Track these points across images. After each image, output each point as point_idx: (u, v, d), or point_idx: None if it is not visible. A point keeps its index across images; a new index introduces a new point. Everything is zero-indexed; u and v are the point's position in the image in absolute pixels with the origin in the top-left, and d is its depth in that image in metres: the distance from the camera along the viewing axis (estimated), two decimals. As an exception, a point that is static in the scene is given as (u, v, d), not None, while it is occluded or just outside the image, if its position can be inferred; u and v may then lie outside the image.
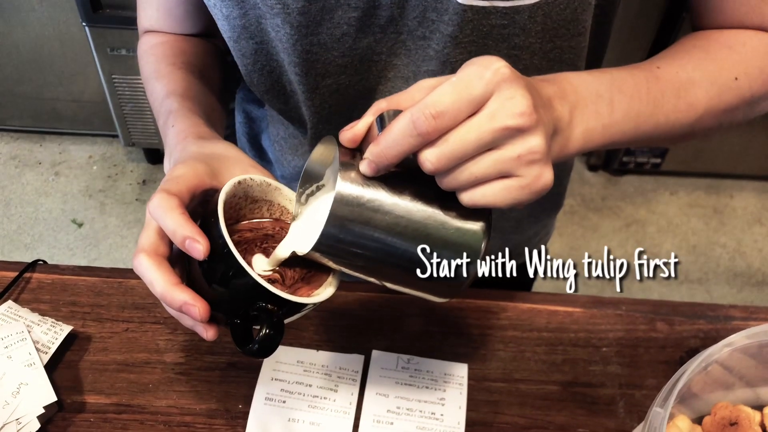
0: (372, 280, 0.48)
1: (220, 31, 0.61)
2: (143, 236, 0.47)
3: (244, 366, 0.66)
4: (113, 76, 1.84)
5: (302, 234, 0.50)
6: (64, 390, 0.64)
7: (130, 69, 1.81)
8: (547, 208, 0.84)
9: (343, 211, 0.43)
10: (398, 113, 0.42)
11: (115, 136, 2.17)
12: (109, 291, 0.72)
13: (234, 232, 0.51)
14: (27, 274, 0.72)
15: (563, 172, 0.81)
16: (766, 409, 0.56)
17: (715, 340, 0.51)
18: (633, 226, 2.12)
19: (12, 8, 1.81)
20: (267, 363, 0.66)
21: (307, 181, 0.52)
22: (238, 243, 0.50)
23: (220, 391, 0.65)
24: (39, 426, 0.59)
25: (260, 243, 0.52)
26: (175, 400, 0.64)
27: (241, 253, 0.50)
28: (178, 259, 0.50)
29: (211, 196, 0.49)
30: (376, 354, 0.68)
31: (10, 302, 0.69)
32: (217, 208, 0.46)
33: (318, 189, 0.52)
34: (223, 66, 0.75)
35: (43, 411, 0.60)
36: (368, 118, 0.44)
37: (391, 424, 0.63)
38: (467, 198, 0.43)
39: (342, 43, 0.57)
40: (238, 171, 0.51)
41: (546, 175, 0.43)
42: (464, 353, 0.68)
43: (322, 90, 0.61)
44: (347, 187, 0.43)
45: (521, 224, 0.80)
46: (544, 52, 0.58)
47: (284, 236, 0.52)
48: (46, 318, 0.67)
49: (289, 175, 0.77)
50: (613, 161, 2.18)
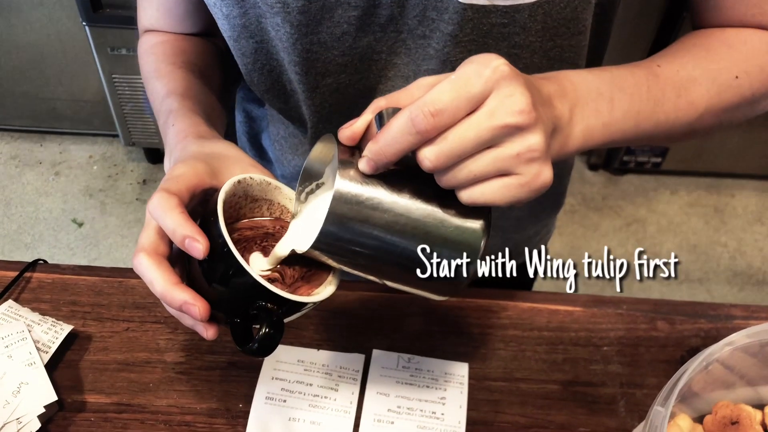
0: (371, 278, 0.48)
1: (220, 30, 0.61)
2: (143, 236, 0.47)
3: (244, 365, 0.66)
4: (113, 76, 1.84)
5: (302, 232, 0.50)
6: (65, 389, 0.64)
7: (131, 69, 1.81)
8: (548, 208, 0.84)
9: (342, 209, 0.43)
10: (397, 111, 0.42)
11: (116, 136, 2.17)
12: (109, 290, 0.72)
13: (234, 231, 0.51)
14: (27, 274, 0.72)
15: (564, 171, 0.81)
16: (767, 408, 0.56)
17: (715, 339, 0.51)
18: (633, 225, 2.12)
19: (12, 8, 1.81)
20: (267, 362, 0.66)
21: (306, 180, 0.52)
22: (238, 241, 0.50)
23: (220, 391, 0.65)
24: (39, 425, 0.59)
25: (260, 241, 0.52)
26: (176, 400, 0.64)
27: (241, 252, 0.50)
28: (178, 258, 0.50)
29: (211, 196, 0.49)
30: (376, 353, 0.68)
31: (10, 302, 0.69)
32: (217, 207, 0.46)
33: (318, 187, 0.52)
34: (224, 65, 0.75)
35: (44, 410, 0.60)
36: (367, 116, 0.44)
37: (392, 423, 0.63)
38: (466, 196, 0.43)
39: (342, 42, 0.57)
40: (238, 170, 0.51)
41: (545, 173, 0.43)
42: (465, 352, 0.68)
43: (322, 89, 0.61)
44: (346, 185, 0.43)
45: (522, 223, 0.80)
46: (544, 51, 0.58)
47: (284, 235, 0.51)
48: (47, 317, 0.67)
49: (289, 174, 0.77)
50: (614, 160, 2.18)
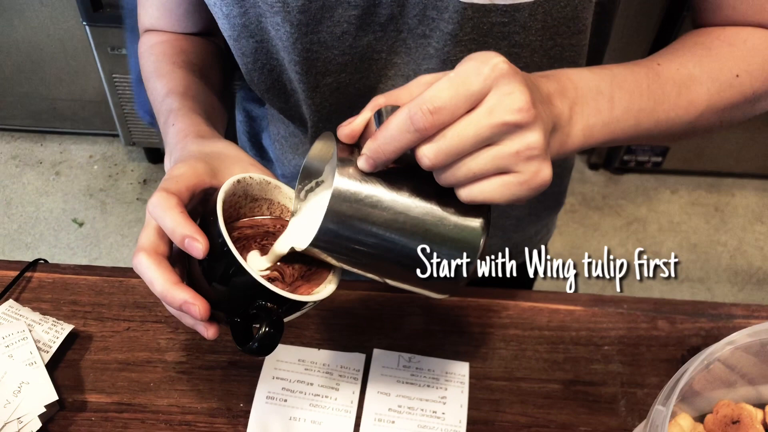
0: (371, 276, 0.48)
1: (221, 29, 0.61)
2: (143, 235, 0.47)
3: (245, 365, 0.66)
4: (114, 76, 1.84)
5: (301, 230, 0.49)
6: (65, 389, 0.64)
7: (131, 68, 1.81)
8: (548, 207, 0.83)
9: (341, 207, 0.43)
10: (396, 109, 0.42)
11: (116, 136, 2.18)
12: (110, 290, 0.72)
13: (234, 230, 0.51)
14: (28, 274, 0.72)
15: (564, 170, 0.81)
16: (768, 407, 0.56)
17: (716, 339, 0.51)
18: (634, 224, 2.12)
19: (13, 8, 1.81)
20: (268, 362, 0.66)
21: (306, 177, 0.52)
22: (238, 240, 0.50)
23: (221, 390, 0.65)
24: (40, 425, 0.60)
25: (260, 240, 0.52)
26: (177, 399, 0.64)
27: (241, 251, 0.50)
28: (178, 258, 0.50)
29: (211, 195, 0.49)
30: (377, 352, 0.68)
31: (11, 301, 0.69)
32: (216, 206, 0.46)
33: (317, 185, 0.52)
34: (224, 65, 0.75)
35: (45, 410, 0.60)
36: (366, 114, 0.44)
37: (393, 422, 0.63)
38: (465, 194, 0.43)
39: (342, 41, 0.57)
40: (238, 170, 0.51)
41: (544, 171, 0.42)
42: (465, 352, 0.68)
43: (322, 88, 0.61)
44: (345, 183, 0.43)
45: (522, 223, 0.80)
46: (544, 50, 0.58)
47: (284, 233, 0.51)
48: (47, 317, 0.67)
49: (289, 173, 0.77)
50: (614, 160, 2.18)
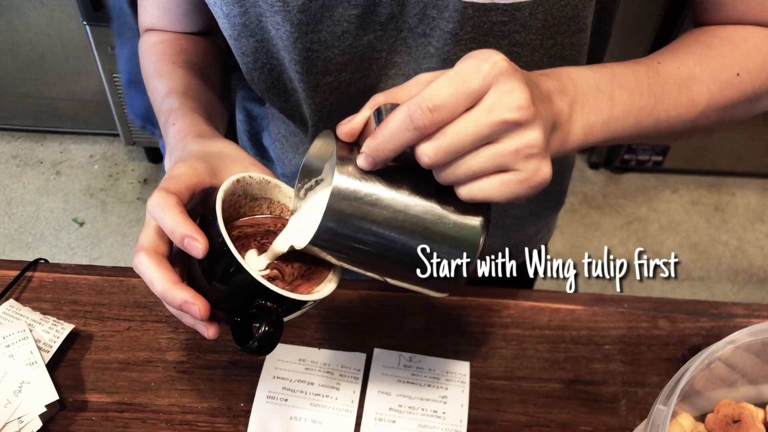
0: (371, 274, 0.48)
1: (221, 29, 0.61)
2: (143, 235, 0.47)
3: (245, 364, 0.66)
4: (114, 75, 1.84)
5: (300, 228, 0.49)
6: (66, 389, 0.64)
7: (131, 68, 1.81)
8: (549, 206, 0.83)
9: (341, 206, 0.43)
10: (396, 107, 0.41)
11: (116, 135, 2.18)
12: (110, 290, 0.72)
13: (234, 229, 0.51)
14: (28, 273, 0.72)
15: (565, 169, 0.81)
16: (769, 407, 0.56)
17: (717, 338, 0.51)
18: (634, 224, 2.12)
19: (13, 7, 1.81)
20: (269, 361, 0.66)
21: (305, 176, 0.52)
22: (238, 239, 0.50)
23: (221, 390, 0.65)
24: (41, 425, 0.60)
25: (260, 239, 0.52)
26: (177, 399, 0.64)
27: (241, 250, 0.50)
28: (178, 257, 0.50)
29: (211, 195, 0.49)
30: (377, 352, 0.67)
31: (11, 301, 0.69)
32: (216, 206, 0.46)
33: (317, 183, 0.52)
34: (224, 64, 0.75)
35: (45, 410, 0.60)
36: (366, 112, 0.44)
37: (393, 422, 0.63)
38: (465, 192, 0.43)
39: (342, 40, 0.57)
40: (238, 169, 0.51)
41: (544, 170, 0.42)
42: (466, 351, 0.68)
43: (322, 88, 0.61)
44: (344, 182, 0.43)
45: (522, 222, 0.80)
46: (545, 49, 0.58)
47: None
48: (48, 317, 0.67)
49: (290, 173, 0.77)
50: (615, 159, 2.18)
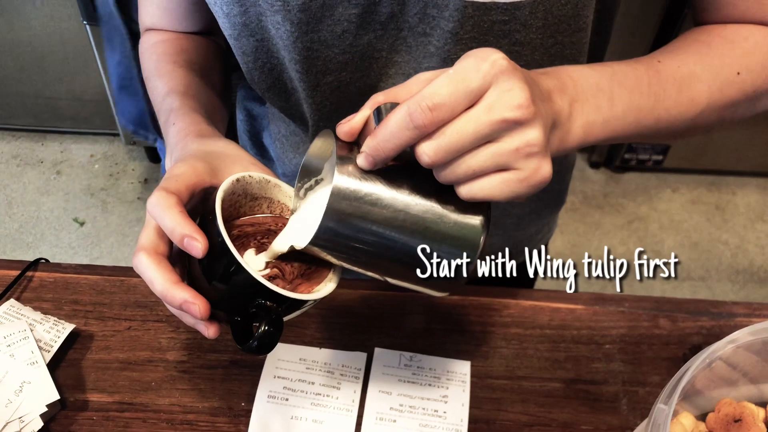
0: (371, 274, 0.47)
1: (221, 28, 0.61)
2: (143, 235, 0.47)
3: (246, 364, 0.66)
4: (114, 75, 1.84)
5: (300, 228, 0.49)
6: (67, 388, 0.64)
7: (131, 68, 1.81)
8: (549, 205, 0.83)
9: (341, 205, 0.43)
10: (395, 106, 0.41)
11: (117, 135, 2.18)
12: (111, 289, 0.72)
13: (234, 228, 0.51)
14: (29, 273, 0.72)
15: (565, 168, 0.81)
16: (770, 406, 0.56)
17: (718, 337, 0.51)
18: (635, 223, 2.12)
19: (13, 7, 1.81)
20: (269, 361, 0.66)
21: (305, 176, 0.52)
22: (238, 238, 0.50)
23: (222, 389, 0.65)
24: (42, 424, 0.60)
25: (260, 239, 0.52)
26: (178, 399, 0.64)
27: (241, 249, 0.50)
28: (178, 257, 0.50)
29: (211, 194, 0.49)
30: (378, 351, 0.67)
31: (12, 301, 0.69)
32: (215, 206, 0.46)
33: (316, 183, 0.52)
34: (225, 64, 0.75)
35: (46, 409, 0.60)
36: (365, 112, 0.44)
37: (394, 421, 0.63)
38: (465, 191, 0.43)
39: (342, 40, 0.57)
40: (238, 169, 0.51)
41: (544, 168, 0.42)
42: (467, 350, 0.68)
43: (323, 87, 0.61)
44: (344, 181, 0.43)
45: (523, 221, 0.80)
46: (545, 48, 0.58)
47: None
48: (49, 316, 0.67)
49: (290, 172, 0.77)
50: (615, 158, 2.18)
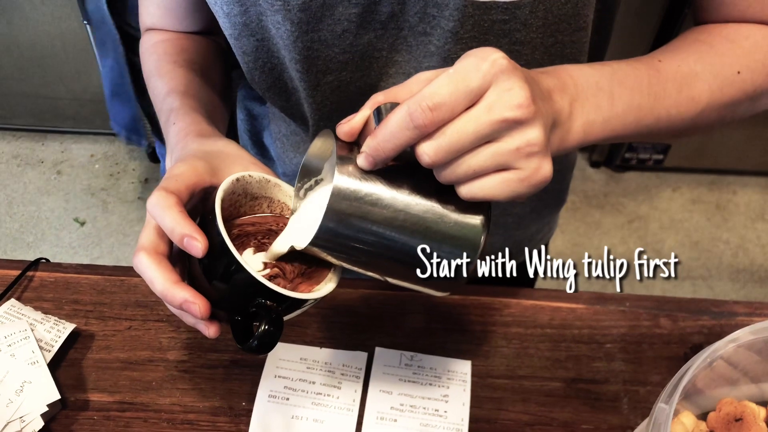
0: (371, 274, 0.47)
1: (221, 28, 0.61)
2: (143, 235, 0.48)
3: (247, 363, 0.66)
4: (115, 75, 1.84)
5: (300, 228, 0.49)
6: (68, 388, 0.64)
7: (132, 67, 1.81)
8: (550, 205, 0.83)
9: (341, 206, 0.43)
10: (395, 106, 0.41)
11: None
12: (111, 289, 0.72)
13: (234, 227, 0.51)
14: (30, 273, 0.72)
15: (566, 167, 0.81)
16: (771, 405, 0.56)
17: (718, 336, 0.51)
18: (635, 222, 2.12)
19: (13, 7, 1.81)
20: (270, 360, 0.66)
21: (305, 176, 0.51)
22: (238, 237, 0.50)
23: (223, 389, 0.65)
24: (42, 424, 0.60)
25: (261, 238, 0.52)
26: (179, 398, 0.64)
27: (242, 249, 0.50)
28: (178, 257, 0.50)
29: (211, 194, 0.49)
30: (379, 351, 0.68)
31: (13, 300, 0.69)
32: (215, 205, 0.46)
33: (316, 183, 0.52)
34: (225, 63, 0.75)
35: (47, 409, 0.60)
36: (365, 111, 0.44)
37: (395, 421, 0.63)
38: (465, 191, 0.43)
39: (343, 39, 0.57)
40: (238, 168, 0.51)
41: (545, 168, 0.42)
42: (467, 350, 0.68)
43: (323, 87, 0.61)
44: (345, 181, 0.43)
45: (523, 221, 0.80)
46: (545, 47, 0.58)
47: (283, 231, 0.51)
48: (49, 316, 0.67)
49: (291, 172, 0.77)
50: (616, 157, 2.18)
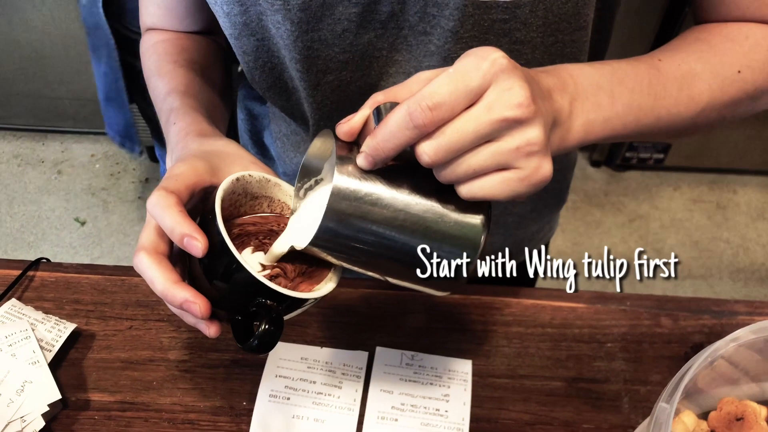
0: (372, 274, 0.47)
1: (222, 28, 0.61)
2: (143, 234, 0.48)
3: (248, 363, 0.66)
4: (115, 75, 1.84)
5: (300, 228, 0.49)
6: (69, 388, 0.64)
7: (132, 67, 1.81)
8: (550, 204, 0.83)
9: (341, 206, 0.43)
10: (395, 105, 0.41)
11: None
12: (112, 289, 0.72)
13: (235, 227, 0.51)
14: (30, 273, 0.72)
15: (566, 167, 0.81)
16: (772, 404, 0.56)
17: (719, 336, 0.51)
18: (636, 221, 2.11)
19: (14, 7, 1.81)
20: (271, 360, 0.66)
21: (305, 176, 0.51)
22: (239, 237, 0.50)
23: (224, 389, 0.65)
24: (43, 424, 0.60)
25: (262, 238, 0.52)
26: (180, 398, 0.64)
27: (242, 248, 0.50)
28: (179, 256, 0.50)
29: (211, 194, 0.49)
30: (379, 350, 0.68)
31: (13, 300, 0.69)
32: (215, 205, 0.46)
33: (316, 183, 0.51)
34: (225, 63, 0.75)
35: (48, 409, 0.60)
36: (365, 111, 0.44)
37: (396, 420, 0.63)
38: (465, 191, 0.43)
39: (343, 39, 0.57)
40: (238, 168, 0.51)
41: (545, 167, 0.42)
42: (468, 349, 0.68)
43: (323, 86, 0.61)
44: (344, 181, 0.43)
45: (524, 220, 0.80)
46: (545, 47, 0.57)
47: (283, 231, 0.51)
48: (50, 316, 0.67)
49: (291, 171, 0.77)
50: (616, 157, 2.17)
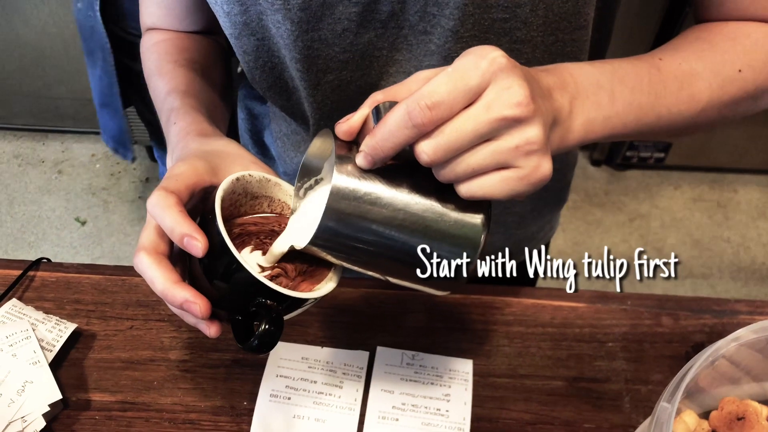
0: (372, 273, 0.47)
1: (222, 27, 0.61)
2: (143, 234, 0.48)
3: (248, 363, 0.66)
4: (115, 75, 1.84)
5: (300, 228, 0.49)
6: (69, 388, 0.64)
7: (132, 67, 1.81)
8: (551, 203, 0.83)
9: (340, 205, 0.43)
10: (394, 105, 0.41)
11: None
12: (113, 288, 0.72)
13: (235, 227, 0.51)
14: (31, 273, 0.72)
15: (567, 166, 0.81)
16: (773, 404, 0.56)
17: (720, 335, 0.51)
18: (637, 221, 2.11)
19: (14, 6, 1.81)
20: (271, 360, 0.66)
21: (305, 175, 0.51)
22: (239, 236, 0.50)
23: (224, 389, 0.65)
24: (44, 424, 0.60)
25: (262, 237, 0.52)
26: (180, 398, 0.64)
27: (242, 248, 0.50)
28: (179, 256, 0.50)
29: (211, 194, 0.49)
30: (380, 350, 0.67)
31: (14, 300, 0.69)
32: (215, 205, 0.46)
33: (316, 183, 0.52)
34: (226, 63, 0.75)
35: (49, 409, 0.60)
36: (364, 110, 0.44)
37: (397, 420, 0.63)
38: (465, 190, 0.43)
39: (343, 38, 0.57)
40: (238, 167, 0.51)
41: (544, 166, 0.42)
42: (469, 349, 0.68)
43: (323, 86, 0.61)
44: (344, 181, 0.43)
45: (525, 219, 0.80)
46: (546, 46, 0.57)
47: (283, 231, 0.51)
48: (51, 316, 0.67)
49: (291, 171, 0.77)
50: (617, 156, 2.17)
